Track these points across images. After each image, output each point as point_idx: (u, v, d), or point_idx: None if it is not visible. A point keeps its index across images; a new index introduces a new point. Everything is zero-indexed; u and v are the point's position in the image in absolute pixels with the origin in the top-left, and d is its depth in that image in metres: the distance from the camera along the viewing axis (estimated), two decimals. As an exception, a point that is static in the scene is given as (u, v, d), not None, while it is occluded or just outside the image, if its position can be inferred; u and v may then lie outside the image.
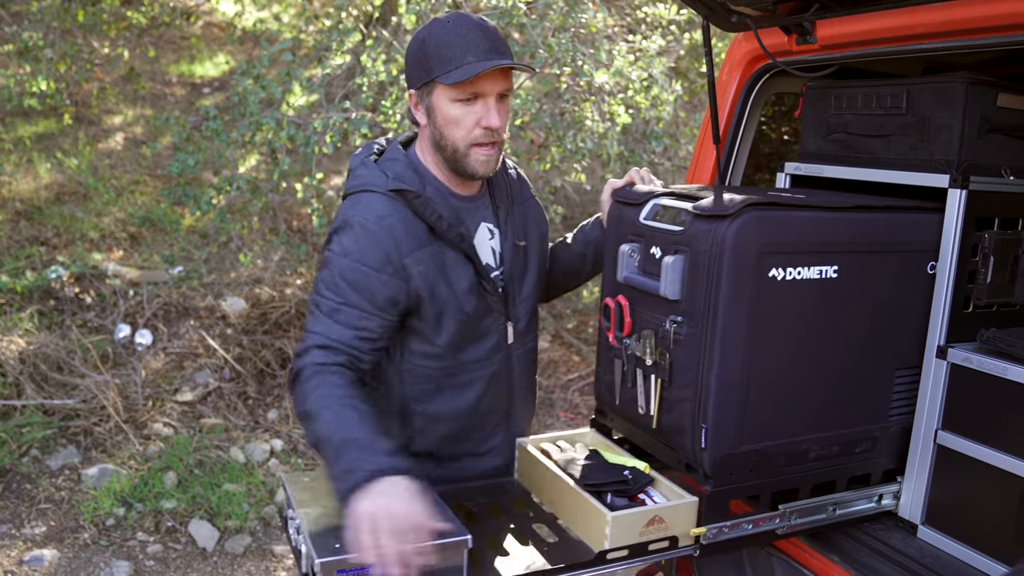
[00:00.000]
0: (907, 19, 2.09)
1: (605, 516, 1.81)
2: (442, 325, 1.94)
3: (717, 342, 1.86)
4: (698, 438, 1.92)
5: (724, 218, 1.84)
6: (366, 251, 1.84)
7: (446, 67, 1.82)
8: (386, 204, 1.87)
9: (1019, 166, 2.19)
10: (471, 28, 1.85)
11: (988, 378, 2.00)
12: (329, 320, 1.85)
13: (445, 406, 2.03)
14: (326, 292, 1.87)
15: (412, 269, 1.86)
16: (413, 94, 1.92)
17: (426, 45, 1.85)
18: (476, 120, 1.87)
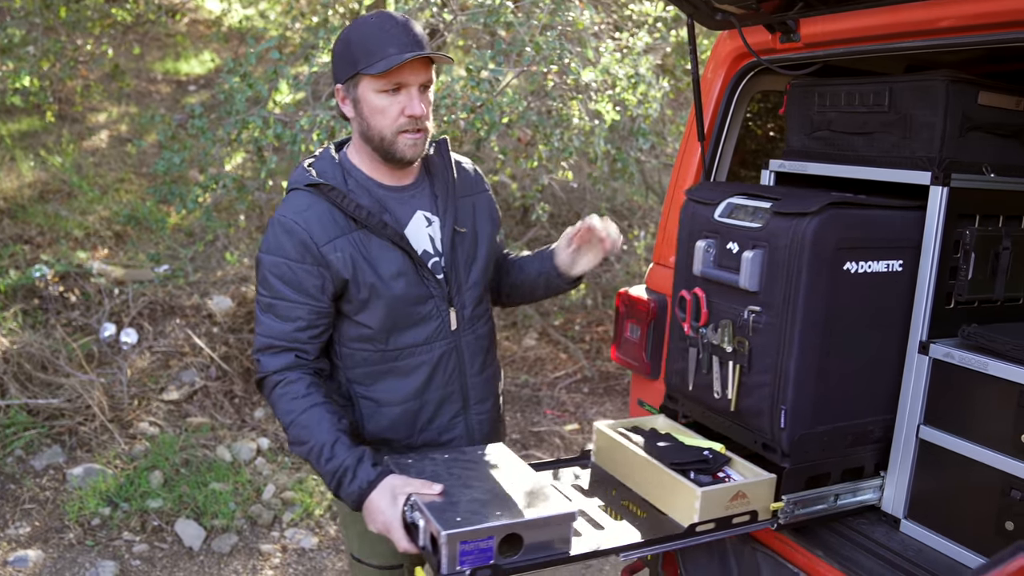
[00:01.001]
0: (889, 18, 2.11)
1: (695, 492, 1.96)
2: (369, 308, 2.01)
3: (797, 330, 2.03)
4: (777, 419, 2.09)
5: (805, 215, 2.00)
6: (284, 245, 1.94)
7: (370, 59, 1.90)
8: (304, 198, 1.98)
9: (1000, 163, 2.21)
10: (393, 24, 1.93)
11: (969, 373, 2.02)
12: (267, 317, 1.99)
13: (390, 392, 2.10)
14: (261, 290, 2.00)
15: (330, 256, 1.95)
16: (340, 89, 2.00)
17: (350, 41, 1.94)
18: (400, 109, 1.94)
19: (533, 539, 1.76)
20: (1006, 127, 2.21)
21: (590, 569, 3.93)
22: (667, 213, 2.79)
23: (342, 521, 2.31)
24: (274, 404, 2.00)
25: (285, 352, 1.99)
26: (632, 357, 2.76)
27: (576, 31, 4.65)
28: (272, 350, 1.99)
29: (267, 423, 4.93)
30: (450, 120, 4.04)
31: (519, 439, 5.13)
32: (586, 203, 7.11)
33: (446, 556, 1.69)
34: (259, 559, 3.95)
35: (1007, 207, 2.22)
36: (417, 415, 2.14)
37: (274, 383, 1.99)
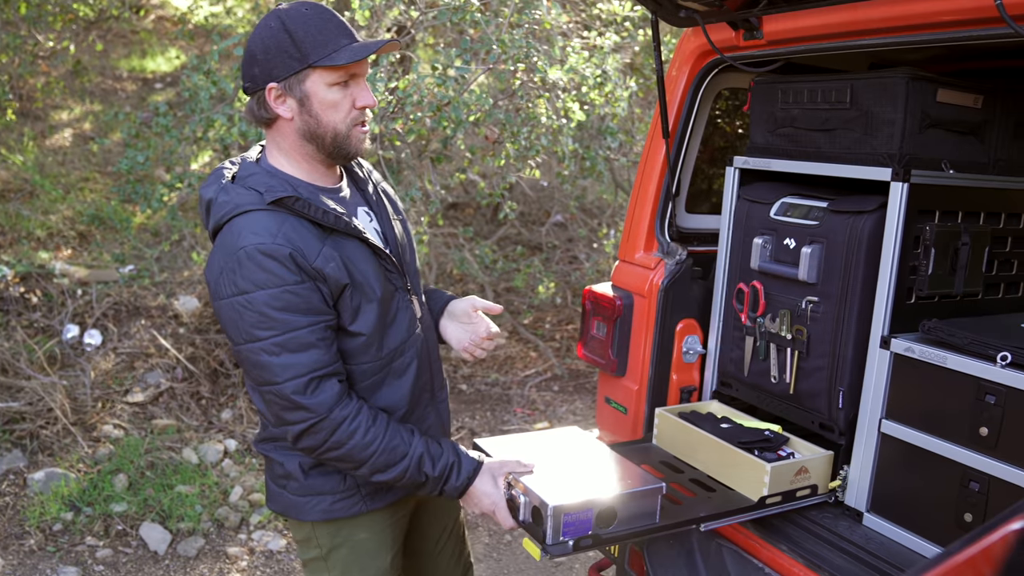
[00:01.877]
0: (851, 15, 2.12)
1: (765, 467, 2.16)
2: (363, 313, 1.88)
3: (855, 318, 2.21)
4: (835, 400, 2.27)
5: (863, 214, 2.17)
6: (279, 273, 1.74)
7: (324, 51, 1.77)
8: (270, 219, 1.77)
9: (958, 160, 2.24)
10: (331, 14, 1.83)
11: (929, 367, 2.04)
12: (285, 358, 1.76)
13: (391, 397, 1.99)
14: (262, 334, 1.76)
15: (325, 269, 1.80)
16: (275, 87, 1.80)
17: (291, 32, 1.77)
18: (352, 102, 1.84)
19: (626, 512, 1.94)
20: (964, 124, 2.24)
21: (560, 567, 3.93)
22: (632, 210, 2.79)
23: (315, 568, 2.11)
24: (342, 445, 1.81)
25: (327, 380, 1.80)
26: (598, 355, 2.77)
27: (544, 30, 4.65)
28: (312, 385, 1.78)
29: (234, 424, 4.88)
30: (416, 118, 4.01)
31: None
32: (555, 201, 7.12)
33: (551, 528, 1.85)
34: (226, 562, 3.91)
35: (966, 203, 2.24)
36: (409, 411, 2.05)
37: (335, 424, 1.80)
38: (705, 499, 2.20)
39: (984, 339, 1.97)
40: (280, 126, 1.86)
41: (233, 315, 1.77)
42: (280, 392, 1.77)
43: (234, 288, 1.75)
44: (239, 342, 1.79)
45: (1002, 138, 2.32)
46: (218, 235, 1.81)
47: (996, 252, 2.34)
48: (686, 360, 2.67)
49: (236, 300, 1.75)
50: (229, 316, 1.78)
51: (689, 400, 2.68)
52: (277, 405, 1.80)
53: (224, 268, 1.76)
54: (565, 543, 1.86)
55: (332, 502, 1.98)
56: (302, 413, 1.78)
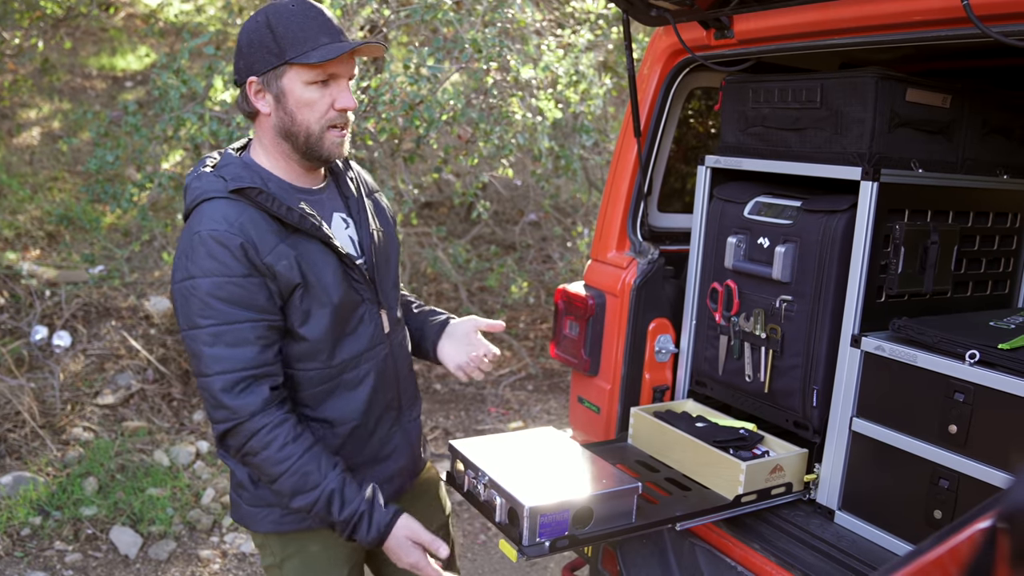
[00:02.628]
0: (821, 15, 2.13)
1: (740, 466, 2.17)
2: (313, 318, 1.83)
3: (828, 317, 2.21)
4: (809, 399, 2.28)
5: (835, 213, 2.18)
6: (224, 261, 1.71)
7: (302, 48, 1.75)
8: (230, 207, 1.75)
9: (928, 159, 2.25)
10: (318, 12, 1.80)
11: (899, 366, 2.05)
12: (219, 349, 1.73)
13: (341, 409, 1.92)
14: (200, 321, 1.73)
15: (276, 266, 1.75)
16: (255, 82, 1.80)
17: (274, 28, 1.76)
18: (330, 102, 1.81)
19: (602, 512, 1.94)
20: (933, 123, 2.25)
21: (535, 567, 3.92)
22: (604, 210, 2.79)
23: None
24: (255, 454, 1.75)
25: (257, 383, 1.74)
26: (571, 354, 2.76)
27: (517, 28, 4.64)
28: (240, 385, 1.73)
29: (206, 426, 4.83)
30: (388, 117, 3.99)
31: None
32: (529, 200, 7.11)
33: (527, 529, 1.85)
34: (198, 565, 3.87)
35: (935, 202, 2.26)
36: (364, 430, 1.98)
37: (254, 430, 1.74)
38: (681, 498, 2.21)
39: (953, 337, 1.99)
40: (261, 121, 1.85)
41: (181, 300, 1.75)
42: (208, 386, 1.73)
43: (184, 272, 1.74)
44: (183, 328, 1.76)
45: (970, 137, 2.34)
46: (186, 221, 1.82)
47: (965, 251, 2.35)
48: (658, 359, 2.67)
49: (185, 285, 1.73)
50: (178, 300, 1.76)
51: (662, 399, 2.68)
52: (206, 401, 1.76)
53: (181, 252, 1.76)
54: (542, 544, 1.86)
55: (281, 515, 1.93)
56: (224, 412, 1.74)
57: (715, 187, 2.57)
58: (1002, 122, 2.41)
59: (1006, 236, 2.47)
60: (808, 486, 2.29)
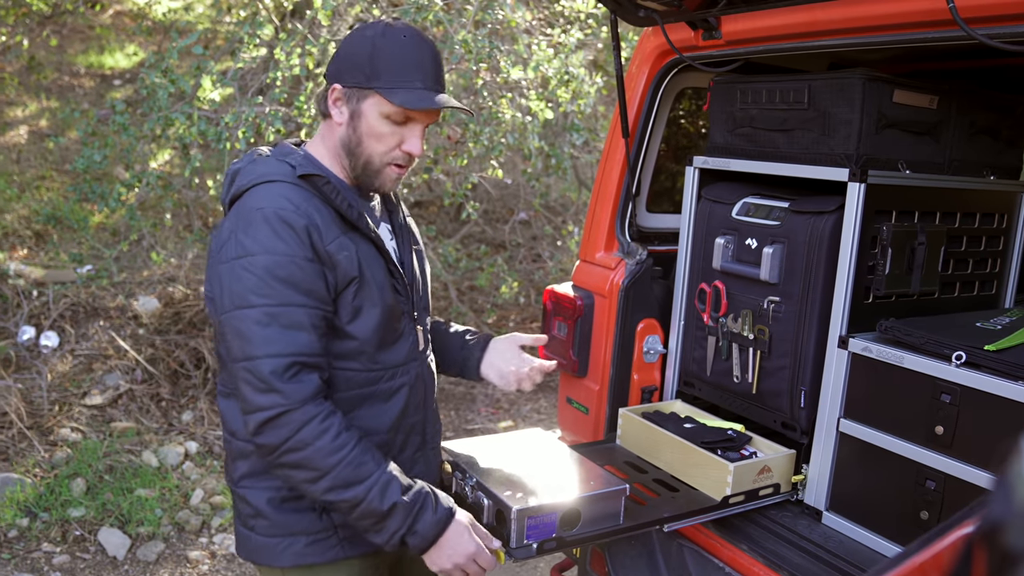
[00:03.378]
0: (808, 16, 2.13)
1: (728, 467, 2.16)
2: (363, 316, 1.76)
3: (816, 317, 2.21)
4: (797, 399, 2.28)
5: (823, 214, 2.18)
6: (288, 240, 1.64)
7: (392, 82, 1.72)
8: (296, 192, 1.71)
9: (915, 160, 2.26)
10: (426, 51, 1.77)
11: (886, 367, 2.05)
12: (273, 330, 1.63)
13: (373, 419, 1.84)
14: (256, 300, 1.63)
15: (337, 256, 1.70)
16: (339, 89, 1.77)
17: (377, 50, 1.73)
18: (399, 141, 1.78)
19: (590, 513, 1.94)
20: (920, 125, 2.26)
21: (525, 567, 3.92)
22: (593, 210, 2.79)
23: None
24: (304, 446, 1.63)
25: (308, 372, 1.65)
26: (559, 354, 2.76)
27: (507, 28, 4.63)
28: (293, 370, 1.63)
29: (195, 426, 4.81)
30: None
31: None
32: (520, 199, 7.10)
33: (515, 531, 1.84)
34: (187, 566, 3.85)
35: (922, 203, 2.26)
36: (390, 449, 1.88)
37: (305, 419, 1.63)
38: (669, 499, 2.20)
39: (939, 338, 1.99)
40: (331, 125, 1.82)
41: (231, 278, 1.65)
42: (256, 368, 1.62)
43: (240, 249, 1.65)
44: (228, 308, 1.65)
45: (957, 138, 2.34)
46: (236, 202, 1.74)
47: (952, 251, 2.36)
48: (647, 360, 2.67)
49: (239, 262, 1.65)
50: (227, 280, 1.66)
51: (650, 400, 2.68)
52: (250, 385, 1.63)
53: (235, 229, 1.68)
54: (529, 546, 1.85)
55: (305, 544, 1.81)
56: (273, 397, 1.61)
57: (703, 188, 2.57)
58: (989, 123, 2.41)
59: (993, 237, 2.48)
60: (796, 487, 2.30)
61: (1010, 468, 0.46)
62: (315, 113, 4.35)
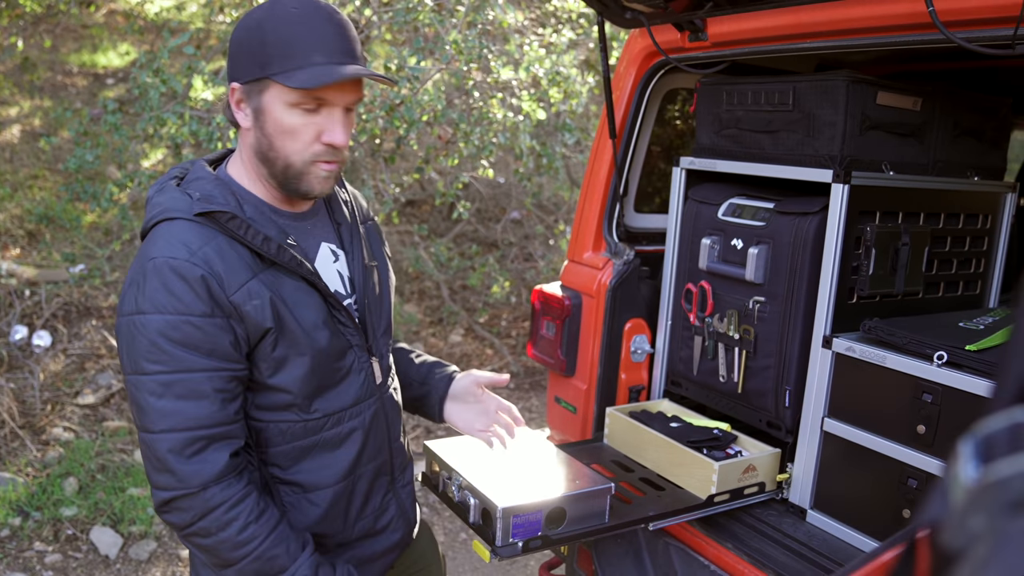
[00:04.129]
0: (792, 18, 2.14)
1: (713, 466, 2.19)
2: (287, 367, 1.55)
3: (801, 317, 2.23)
4: (782, 399, 2.30)
5: (808, 215, 2.20)
6: (185, 297, 1.43)
7: (287, 64, 1.46)
8: (195, 232, 1.47)
9: (899, 161, 2.27)
10: (322, 20, 1.49)
11: (869, 366, 2.07)
12: (170, 401, 1.44)
13: (317, 472, 1.65)
14: (151, 368, 1.44)
15: (244, 307, 1.48)
16: (237, 88, 1.52)
17: (264, 32, 1.47)
18: (317, 133, 1.52)
19: (575, 512, 1.96)
20: (904, 126, 2.27)
21: (515, 565, 3.94)
22: (581, 211, 2.80)
23: None
24: (208, 535, 1.47)
25: (214, 447, 1.46)
26: (547, 354, 2.77)
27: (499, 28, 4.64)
28: (193, 447, 1.44)
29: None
30: (369, 118, 3.99)
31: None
32: (512, 199, 7.12)
33: (500, 530, 1.86)
34: (179, 565, 3.86)
35: (906, 204, 2.28)
36: (351, 498, 1.71)
37: (209, 507, 1.45)
38: (655, 498, 2.22)
39: (922, 338, 2.01)
40: (242, 133, 1.57)
41: (126, 337, 1.47)
42: (152, 445, 1.45)
43: (133, 305, 1.45)
44: (127, 370, 1.47)
45: (941, 140, 2.36)
46: (143, 240, 1.54)
47: (936, 252, 2.38)
48: (634, 359, 2.69)
49: (133, 320, 1.45)
50: (122, 337, 1.48)
51: (638, 399, 2.69)
52: (148, 460, 1.47)
53: (131, 280, 1.48)
54: (515, 544, 1.87)
55: None
56: (169, 478, 1.45)
57: (690, 188, 2.58)
58: (973, 124, 2.43)
59: (977, 237, 2.50)
60: (781, 485, 2.31)
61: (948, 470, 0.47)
62: None
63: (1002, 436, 0.44)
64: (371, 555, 1.79)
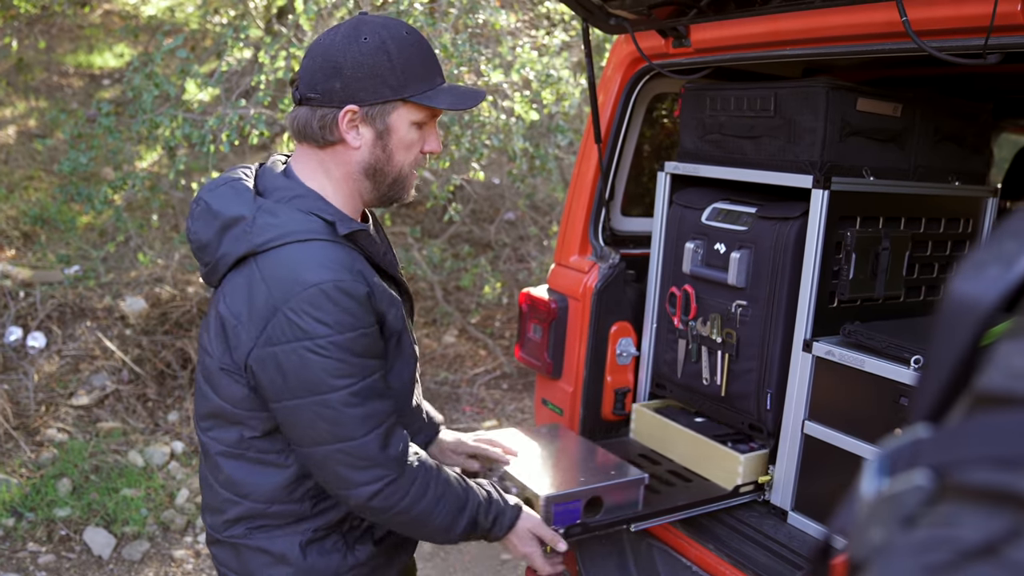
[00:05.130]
0: (773, 26, 2.16)
1: (739, 458, 2.29)
2: (393, 368, 1.70)
3: (782, 321, 2.26)
4: (764, 402, 2.32)
5: (788, 220, 2.23)
6: (358, 314, 1.53)
7: (422, 87, 1.59)
8: (341, 253, 1.55)
9: (879, 167, 2.30)
10: (429, 48, 1.66)
11: (849, 370, 2.10)
12: (371, 404, 1.57)
13: None
14: (342, 383, 1.53)
15: (387, 314, 1.63)
16: (358, 111, 1.58)
17: (390, 56, 1.56)
18: (422, 145, 1.68)
19: (611, 501, 2.07)
20: (885, 132, 2.30)
21: (505, 565, 3.97)
22: (567, 214, 2.83)
23: None
24: (413, 506, 1.63)
25: (394, 428, 1.62)
26: (535, 357, 2.80)
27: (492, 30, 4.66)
28: (389, 436, 1.59)
29: (181, 426, 4.84)
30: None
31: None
32: (506, 200, 7.14)
33: (543, 517, 1.94)
34: (172, 565, 3.89)
35: (887, 209, 2.30)
36: None
37: (411, 480, 1.62)
38: (683, 489, 2.32)
39: (900, 342, 2.03)
40: (338, 152, 1.63)
41: (296, 363, 1.51)
42: (357, 450, 1.56)
43: (301, 332, 1.49)
44: (299, 395, 1.53)
45: (922, 145, 2.39)
46: (255, 261, 1.55)
47: (917, 256, 2.40)
48: (620, 362, 2.71)
49: (303, 345, 1.50)
50: (289, 364, 1.51)
51: (623, 401, 2.72)
52: (349, 466, 1.56)
53: (283, 306, 1.50)
54: (556, 531, 1.95)
55: None
56: (377, 471, 1.57)
57: (675, 193, 2.61)
58: (953, 130, 2.46)
59: (958, 241, 2.52)
60: (763, 487, 2.34)
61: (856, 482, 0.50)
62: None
63: (904, 451, 0.46)
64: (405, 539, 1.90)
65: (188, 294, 5.55)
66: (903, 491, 0.44)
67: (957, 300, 0.50)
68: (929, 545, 0.40)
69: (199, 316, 5.39)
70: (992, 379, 0.45)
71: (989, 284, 0.49)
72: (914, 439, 0.47)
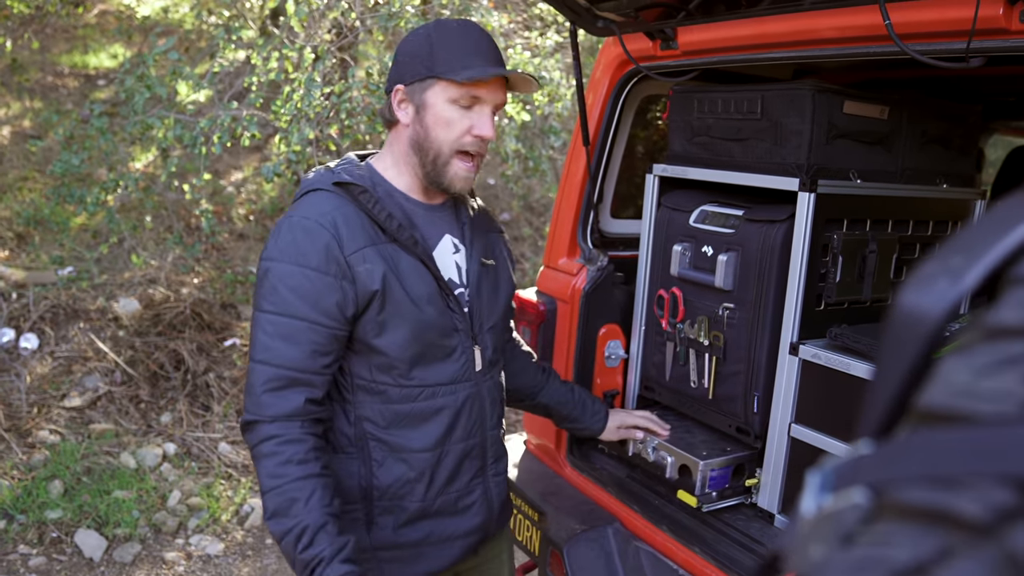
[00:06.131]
0: (759, 29, 2.16)
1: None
2: (389, 329, 1.72)
3: (769, 324, 2.26)
4: (751, 404, 2.33)
5: (775, 223, 2.23)
6: (305, 250, 1.65)
7: (453, 65, 1.70)
8: (329, 199, 1.71)
9: (866, 169, 2.30)
10: (481, 35, 1.77)
11: (834, 373, 2.09)
12: (273, 339, 1.65)
13: (406, 438, 1.79)
14: (265, 305, 1.67)
15: (357, 267, 1.67)
16: (401, 90, 1.76)
17: (432, 41, 1.73)
18: (468, 127, 1.74)
19: (750, 469, 2.34)
20: (871, 135, 2.30)
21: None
22: (556, 216, 2.82)
23: None
24: (259, 460, 1.65)
25: (294, 389, 1.65)
26: (524, 360, 2.79)
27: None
28: (276, 383, 1.64)
29: (174, 428, 4.84)
30: (351, 124, 4.01)
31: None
32: (500, 201, 7.14)
33: (700, 482, 2.25)
34: (163, 567, 3.88)
35: (873, 211, 2.30)
36: (435, 471, 1.83)
37: (267, 435, 1.63)
38: None
39: (885, 345, 2.02)
40: (398, 130, 1.81)
41: (259, 278, 1.71)
42: (251, 372, 1.67)
43: (267, 253, 1.70)
44: (254, 307, 1.71)
45: (909, 148, 2.39)
46: None
47: (905, 258, 2.40)
48: (608, 365, 2.71)
49: (264, 265, 1.69)
50: (257, 279, 1.72)
51: (612, 404, 2.71)
52: (246, 385, 1.68)
53: (272, 233, 1.72)
54: (710, 494, 2.25)
55: None
56: (252, 403, 1.66)
57: (663, 195, 2.61)
58: (941, 132, 2.46)
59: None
60: (750, 490, 2.34)
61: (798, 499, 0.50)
62: (292, 119, 4.36)
63: (847, 468, 0.46)
64: (451, 534, 1.89)
65: (181, 295, 5.55)
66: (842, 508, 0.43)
67: (905, 313, 0.49)
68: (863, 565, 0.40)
69: (192, 317, 5.38)
70: (933, 396, 0.45)
71: (937, 297, 0.49)
72: (857, 456, 0.46)
